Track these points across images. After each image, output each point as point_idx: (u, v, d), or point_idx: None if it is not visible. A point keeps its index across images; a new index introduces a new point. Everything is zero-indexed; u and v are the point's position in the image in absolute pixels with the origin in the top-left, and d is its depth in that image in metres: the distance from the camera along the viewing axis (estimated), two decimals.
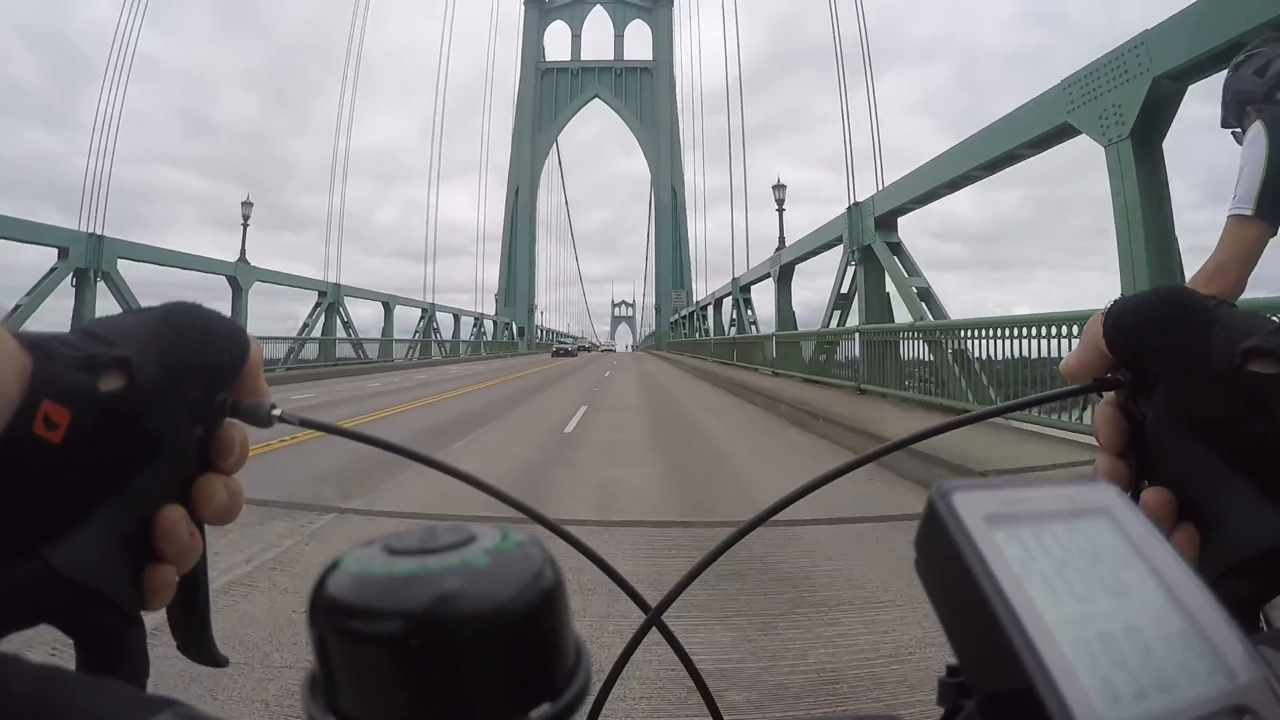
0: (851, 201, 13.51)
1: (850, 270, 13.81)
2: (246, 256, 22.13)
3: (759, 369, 19.36)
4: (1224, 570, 0.31)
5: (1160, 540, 0.24)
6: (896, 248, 12.16)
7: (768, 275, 21.10)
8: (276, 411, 0.35)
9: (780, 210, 20.42)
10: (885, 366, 10.80)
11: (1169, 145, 6.99)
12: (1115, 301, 0.36)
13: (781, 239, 20.00)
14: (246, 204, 22.46)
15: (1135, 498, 0.35)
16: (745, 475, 5.93)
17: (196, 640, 0.36)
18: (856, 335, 11.98)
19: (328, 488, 5.30)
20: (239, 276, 21.56)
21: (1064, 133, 8.03)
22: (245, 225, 22.29)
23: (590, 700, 0.25)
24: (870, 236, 12.62)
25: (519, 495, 0.41)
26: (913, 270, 11.72)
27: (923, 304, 11.03)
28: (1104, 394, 0.37)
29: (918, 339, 9.72)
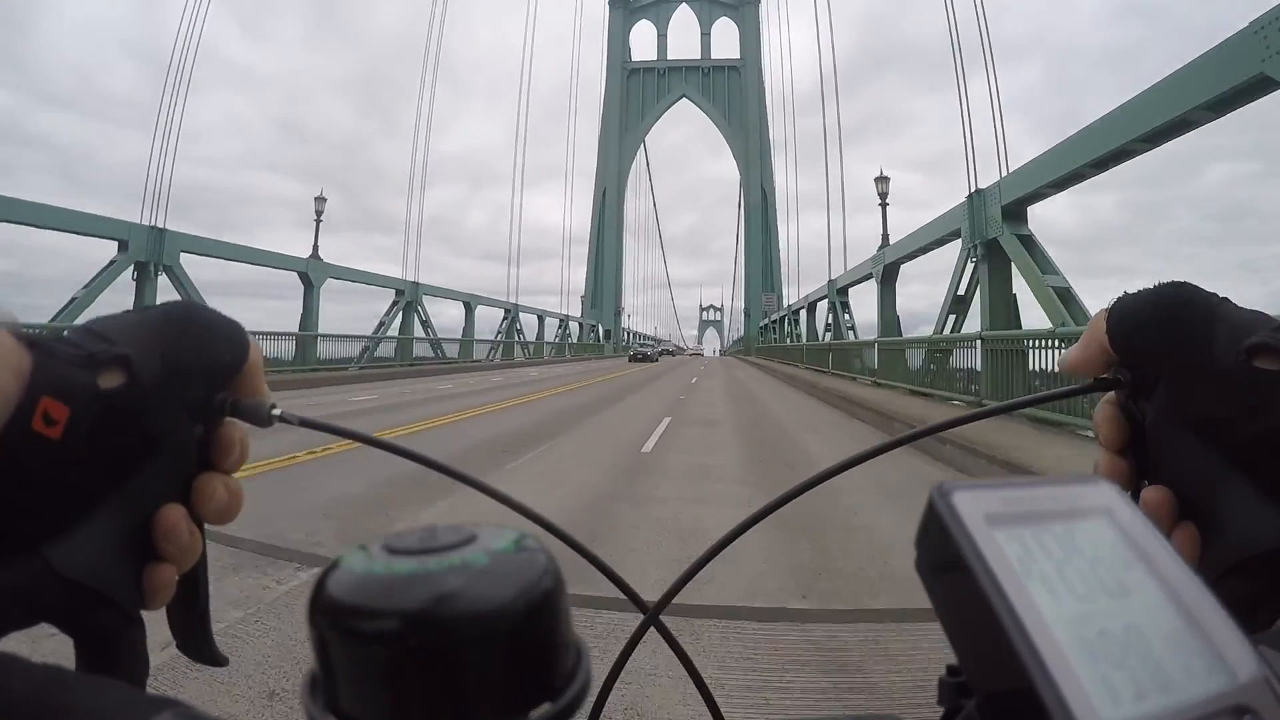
0: (972, 189, 11.79)
1: (969, 268, 12.12)
2: (320, 253, 21.86)
3: (857, 378, 17.92)
4: (1224, 570, 0.31)
5: (1160, 540, 0.24)
6: (1028, 241, 10.37)
7: (869, 276, 19.40)
8: (276, 411, 0.34)
9: (883, 204, 18.58)
10: (1011, 380, 9.25)
11: None
12: (1118, 298, 0.35)
13: (885, 236, 18.27)
14: (320, 199, 22.23)
15: (1135, 497, 0.35)
16: (875, 528, 4.57)
17: (196, 640, 0.35)
18: (978, 343, 10.42)
19: (330, 523, 4.29)
20: (310, 273, 21.30)
21: (1257, 88, 6.40)
22: (318, 221, 22.11)
23: (590, 700, 0.25)
24: (996, 228, 10.86)
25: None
26: (1048, 267, 9.95)
27: (1062, 306, 9.32)
28: (1105, 392, 0.37)
29: (1059, 348, 8.14)
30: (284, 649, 2.57)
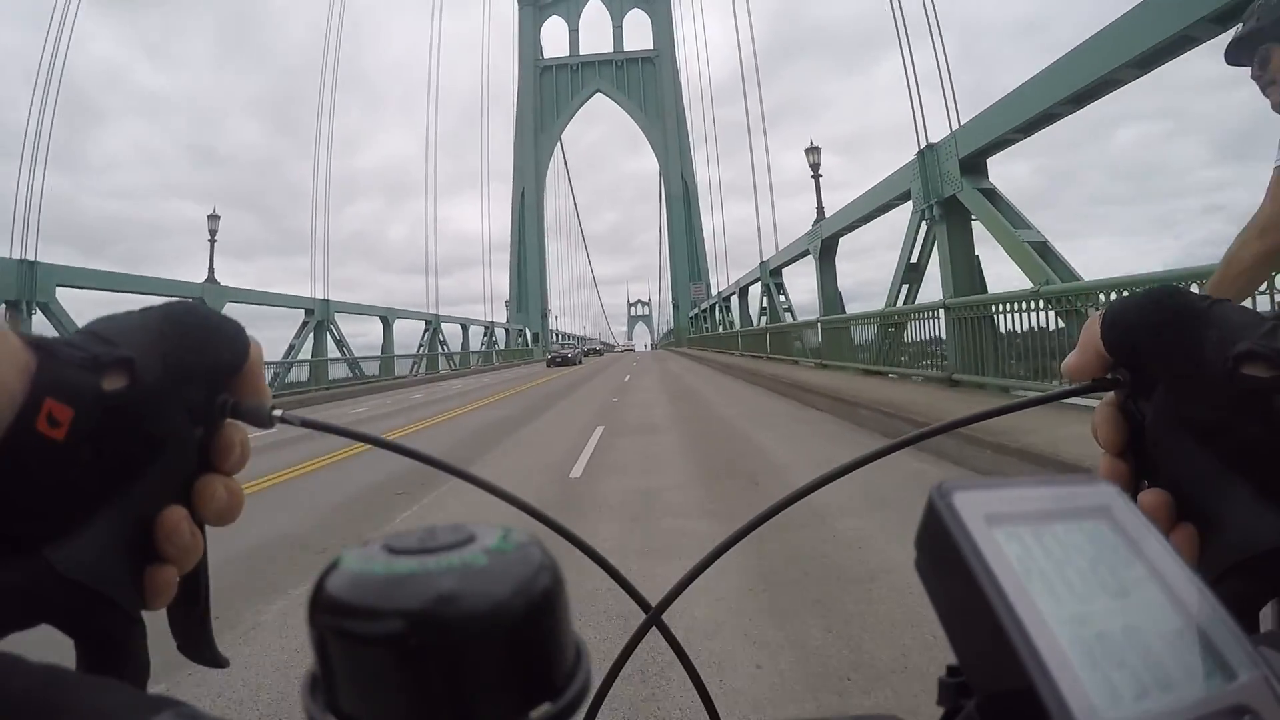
0: (924, 144, 10.64)
1: (922, 231, 11.01)
2: (217, 276, 19.51)
3: (799, 361, 16.97)
4: (1224, 570, 0.31)
5: (1160, 540, 0.24)
6: (992, 195, 9.26)
7: (805, 253, 18.33)
8: (278, 413, 0.34)
9: (816, 176, 17.54)
10: (983, 349, 8.15)
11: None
12: (1112, 302, 0.36)
13: (820, 209, 17.19)
14: (213, 217, 19.71)
15: (1134, 498, 0.34)
16: (895, 569, 3.21)
17: (197, 641, 0.35)
18: (941, 312, 9.31)
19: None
20: (206, 298, 18.75)
21: None
22: (212, 242, 19.54)
23: (590, 700, 0.25)
24: (954, 184, 9.72)
25: None
26: (1019, 221, 8.83)
27: (1043, 262, 8.19)
28: (1104, 394, 0.37)
29: (1045, 309, 7.02)
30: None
